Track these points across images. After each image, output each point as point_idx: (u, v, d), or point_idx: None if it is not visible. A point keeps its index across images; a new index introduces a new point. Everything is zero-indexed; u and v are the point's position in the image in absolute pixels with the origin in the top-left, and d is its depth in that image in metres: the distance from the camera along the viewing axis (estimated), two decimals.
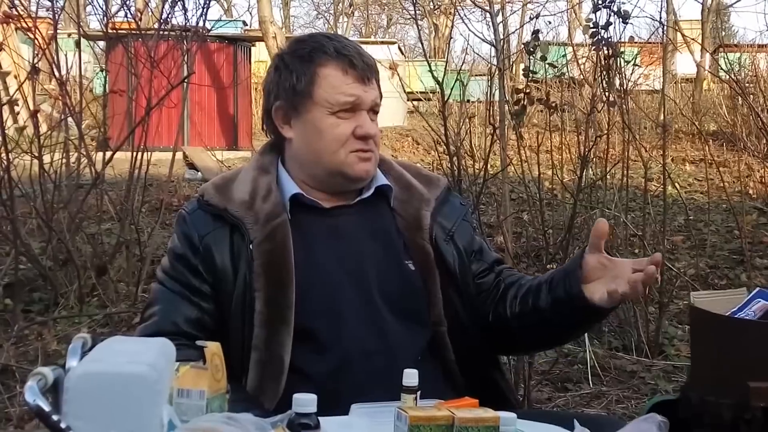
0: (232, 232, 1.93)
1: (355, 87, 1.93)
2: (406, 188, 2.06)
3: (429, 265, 1.98)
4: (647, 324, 4.88)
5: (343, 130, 1.93)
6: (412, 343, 1.91)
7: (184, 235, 1.96)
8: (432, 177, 2.14)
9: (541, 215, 5.33)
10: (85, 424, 1.13)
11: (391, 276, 1.95)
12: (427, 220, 2.01)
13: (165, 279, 1.97)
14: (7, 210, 4.88)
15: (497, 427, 1.36)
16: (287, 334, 1.86)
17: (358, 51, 1.98)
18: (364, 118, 1.95)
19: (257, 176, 1.99)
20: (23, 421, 3.62)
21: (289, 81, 1.97)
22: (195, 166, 10.11)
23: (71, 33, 7.59)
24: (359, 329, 1.87)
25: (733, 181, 8.45)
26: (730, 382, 1.45)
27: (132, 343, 1.32)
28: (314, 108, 1.94)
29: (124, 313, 4.99)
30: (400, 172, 2.09)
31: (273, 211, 1.93)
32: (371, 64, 1.98)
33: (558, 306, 1.90)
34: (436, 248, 1.99)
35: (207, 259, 1.92)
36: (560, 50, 8.51)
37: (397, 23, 32.52)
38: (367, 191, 2.02)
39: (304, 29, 32.56)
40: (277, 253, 1.89)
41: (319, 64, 1.94)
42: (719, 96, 12.41)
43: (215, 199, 1.96)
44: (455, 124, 5.67)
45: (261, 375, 1.86)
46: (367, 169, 1.97)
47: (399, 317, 1.92)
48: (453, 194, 2.16)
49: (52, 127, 5.70)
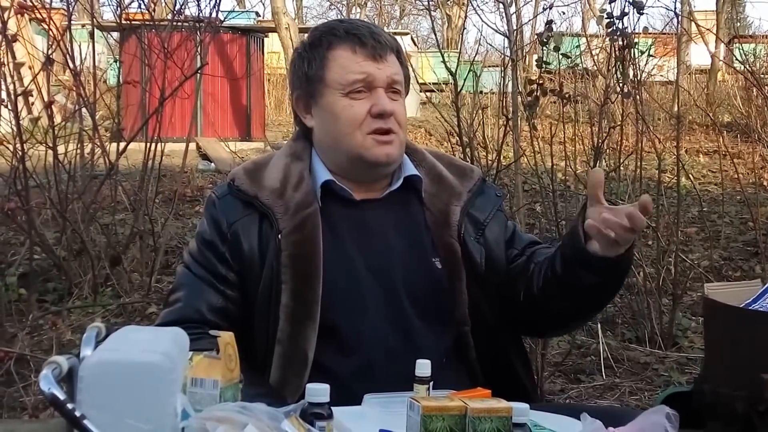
0: (261, 220, 1.89)
1: (367, 65, 1.88)
2: (437, 181, 1.99)
3: (456, 263, 1.92)
4: (661, 315, 4.86)
5: (358, 110, 1.88)
6: (437, 343, 1.87)
7: (213, 220, 1.92)
8: (466, 168, 2.07)
9: (554, 206, 5.31)
10: (99, 412, 1.14)
11: (418, 274, 1.90)
12: (456, 216, 1.95)
13: (192, 263, 1.93)
14: (22, 200, 4.90)
15: (510, 418, 1.36)
16: (312, 330, 1.82)
17: (371, 30, 1.92)
18: (380, 96, 1.88)
19: (290, 163, 1.94)
20: (38, 410, 3.64)
21: (302, 69, 1.94)
22: (208, 156, 10.13)
23: (85, 24, 7.59)
24: (384, 328, 1.84)
25: (748, 173, 8.41)
26: (744, 374, 1.45)
27: (146, 333, 1.33)
28: (327, 92, 1.90)
29: (138, 303, 5.01)
30: (432, 163, 2.02)
31: (304, 200, 1.89)
32: (385, 41, 1.91)
33: (569, 267, 1.82)
34: (464, 246, 1.94)
35: (234, 247, 1.88)
36: (574, 41, 8.48)
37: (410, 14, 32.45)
38: (396, 182, 1.96)
39: (316, 20, 32.53)
40: (306, 244, 1.85)
41: (329, 47, 1.90)
42: (733, 87, 12.35)
43: (246, 185, 1.91)
44: (468, 115, 5.67)
45: (284, 369, 1.83)
46: (387, 152, 1.89)
47: (424, 317, 1.88)
48: (488, 185, 2.09)
49: (67, 118, 5.71)
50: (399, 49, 1.95)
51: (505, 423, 1.36)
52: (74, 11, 5.98)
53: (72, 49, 5.42)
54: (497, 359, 1.93)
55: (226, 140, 10.24)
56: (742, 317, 1.50)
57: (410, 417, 1.40)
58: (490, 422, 1.36)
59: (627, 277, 1.93)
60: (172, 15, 6.17)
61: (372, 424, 1.50)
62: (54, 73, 5.84)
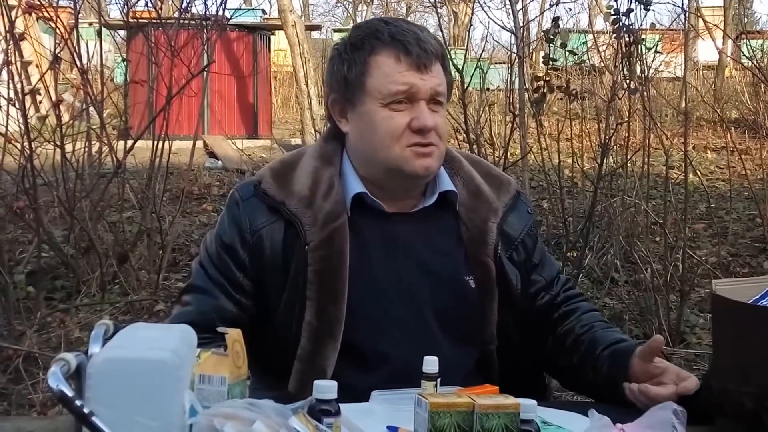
0: (286, 228, 1.80)
1: (410, 75, 1.77)
2: (475, 194, 1.90)
3: (490, 283, 1.86)
4: (668, 312, 4.85)
5: (398, 122, 1.78)
6: (461, 363, 1.82)
7: (235, 222, 1.83)
8: (503, 179, 1.98)
9: (561, 203, 5.32)
10: (108, 409, 1.15)
11: (448, 293, 1.84)
12: (493, 234, 1.88)
13: (209, 264, 1.85)
14: (30, 199, 4.92)
15: (518, 414, 1.36)
16: (333, 350, 1.77)
17: (418, 36, 1.80)
18: (422, 109, 1.78)
19: (320, 167, 1.85)
20: (46, 407, 3.65)
21: (341, 72, 1.83)
22: (215, 154, 10.15)
23: (92, 22, 7.62)
24: (407, 348, 1.76)
25: (755, 169, 8.39)
26: (752, 371, 1.45)
27: (154, 330, 1.33)
28: (367, 100, 1.80)
29: (146, 300, 5.03)
30: (470, 173, 1.93)
31: (333, 211, 1.80)
32: (432, 49, 1.80)
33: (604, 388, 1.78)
34: (500, 265, 1.87)
35: (256, 253, 1.81)
36: (580, 37, 8.47)
37: (416, 11, 32.36)
38: (430, 197, 1.88)
39: (323, 18, 32.56)
40: (333, 260, 1.78)
41: (371, 52, 1.80)
42: (741, 83, 12.33)
43: (273, 190, 1.82)
44: (475, 112, 5.68)
45: (301, 384, 1.76)
46: (426, 165, 1.80)
47: (450, 337, 1.82)
48: (522, 200, 1.99)
49: (74, 116, 5.73)
50: (444, 55, 1.86)
51: (512, 419, 1.36)
52: (81, 10, 5.99)
53: (79, 47, 5.43)
54: (519, 377, 1.86)
55: (233, 138, 10.27)
56: (750, 314, 1.49)
57: (418, 413, 1.40)
58: (498, 419, 1.36)
59: (634, 274, 1.92)
60: (178, 13, 6.18)
61: (379, 420, 1.50)
62: (61, 72, 5.84)
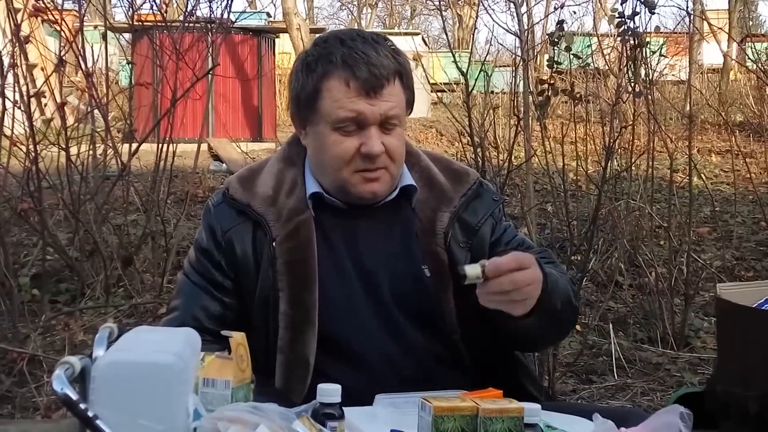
0: (255, 228, 1.88)
1: (358, 101, 1.79)
2: (428, 186, 1.95)
3: (442, 272, 1.88)
4: (673, 316, 4.85)
5: (347, 147, 1.81)
6: (428, 351, 1.85)
7: (209, 228, 1.93)
8: (461, 172, 2.00)
9: (565, 206, 5.31)
10: (112, 412, 1.15)
11: (405, 282, 1.88)
12: (443, 223, 1.91)
13: (190, 272, 1.94)
14: (35, 201, 4.92)
15: (521, 418, 1.36)
16: (312, 335, 1.82)
17: (368, 60, 1.79)
18: (369, 135, 1.80)
19: (283, 168, 1.93)
20: (50, 411, 3.65)
21: (296, 90, 1.88)
22: (220, 157, 10.15)
23: (97, 25, 7.61)
24: (377, 334, 1.83)
25: (760, 172, 8.38)
26: (757, 374, 1.45)
27: (158, 333, 1.34)
28: (319, 121, 1.84)
29: (150, 303, 5.03)
30: (427, 166, 1.98)
31: (297, 207, 1.88)
32: (383, 73, 1.80)
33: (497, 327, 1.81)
34: (450, 253, 1.89)
35: (229, 254, 1.89)
36: (585, 40, 8.45)
37: (420, 14, 32.45)
38: (391, 193, 1.92)
39: (327, 21, 32.62)
40: (300, 250, 1.85)
41: (323, 76, 1.82)
42: (746, 86, 12.31)
43: (239, 194, 1.91)
44: (479, 116, 5.67)
45: (287, 377, 1.83)
46: (373, 191, 1.85)
47: (413, 325, 1.86)
48: (486, 188, 2.01)
49: (79, 119, 5.72)
50: (402, 71, 1.85)
51: (516, 423, 1.36)
52: (86, 13, 6.00)
53: (84, 50, 5.43)
54: (495, 366, 1.89)
55: (237, 141, 10.26)
56: (755, 317, 1.49)
57: (422, 417, 1.40)
58: (502, 423, 1.36)
59: (638, 278, 1.91)
60: (183, 16, 6.17)
61: (383, 424, 1.51)
62: (66, 75, 5.85)
